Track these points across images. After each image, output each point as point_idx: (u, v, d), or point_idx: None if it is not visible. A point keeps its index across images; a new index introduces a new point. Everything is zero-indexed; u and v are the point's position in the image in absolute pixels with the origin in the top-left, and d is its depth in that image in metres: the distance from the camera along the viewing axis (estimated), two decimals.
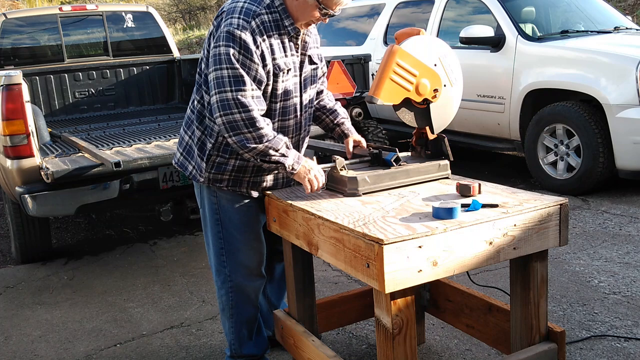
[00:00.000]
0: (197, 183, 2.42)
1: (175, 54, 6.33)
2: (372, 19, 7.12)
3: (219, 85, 2.11)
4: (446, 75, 2.33)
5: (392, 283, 1.73)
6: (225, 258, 2.41)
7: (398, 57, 2.21)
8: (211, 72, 2.14)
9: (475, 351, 2.73)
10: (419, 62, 2.26)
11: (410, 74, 2.25)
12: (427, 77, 2.28)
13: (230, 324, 2.50)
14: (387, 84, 2.22)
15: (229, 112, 2.09)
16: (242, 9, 2.15)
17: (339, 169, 2.27)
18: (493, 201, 2.01)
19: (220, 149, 2.27)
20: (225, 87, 2.09)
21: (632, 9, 10.19)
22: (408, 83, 2.26)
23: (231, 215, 2.37)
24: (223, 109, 2.10)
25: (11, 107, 3.54)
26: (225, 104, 2.09)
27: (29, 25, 5.79)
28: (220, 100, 2.10)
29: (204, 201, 2.42)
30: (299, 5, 2.17)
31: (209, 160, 2.29)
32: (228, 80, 2.09)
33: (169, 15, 20.71)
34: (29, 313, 3.52)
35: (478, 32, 5.41)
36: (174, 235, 4.77)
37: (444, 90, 2.34)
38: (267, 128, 2.14)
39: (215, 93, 2.12)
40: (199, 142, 2.31)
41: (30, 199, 3.48)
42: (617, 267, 3.53)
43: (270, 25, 2.17)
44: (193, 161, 2.35)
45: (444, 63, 2.31)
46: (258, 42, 2.13)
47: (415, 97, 2.30)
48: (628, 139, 4.59)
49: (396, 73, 2.22)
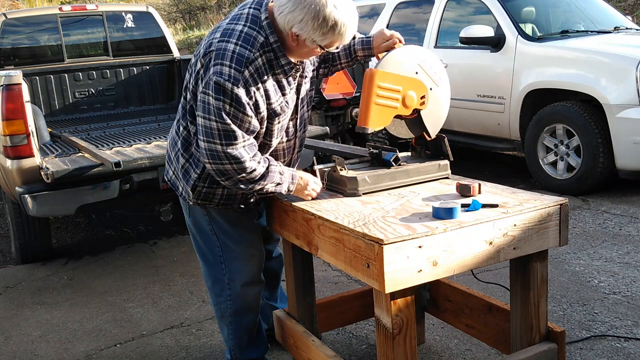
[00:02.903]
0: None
1: (175, 54, 6.33)
2: (372, 19, 7.12)
3: (208, 135, 1.97)
4: (430, 78, 2.28)
5: (392, 283, 1.73)
6: (224, 267, 2.36)
7: (378, 80, 2.16)
8: (199, 117, 1.99)
9: (475, 351, 2.73)
10: (399, 77, 2.21)
11: (395, 92, 2.20)
12: (411, 88, 2.24)
13: (229, 330, 2.46)
14: (373, 111, 2.18)
15: (219, 163, 1.99)
16: (233, 54, 1.94)
17: (339, 169, 2.27)
18: (493, 201, 2.01)
19: (206, 180, 2.17)
20: (215, 140, 1.96)
21: (632, 9, 10.19)
22: (394, 101, 2.21)
23: (224, 227, 2.32)
24: (212, 158, 1.99)
25: (11, 107, 3.54)
26: (214, 154, 1.98)
27: (29, 25, 5.79)
28: (209, 150, 1.98)
29: (195, 215, 2.34)
30: (299, 47, 2.01)
31: (194, 189, 2.19)
32: (217, 133, 1.95)
33: (169, 15, 20.70)
34: (29, 313, 3.52)
35: (478, 32, 5.41)
36: (174, 235, 4.76)
37: (431, 94, 2.29)
38: (259, 168, 2.04)
39: (204, 141, 1.98)
40: (183, 169, 2.21)
41: (30, 199, 3.48)
42: (617, 267, 3.53)
43: (264, 69, 2.00)
44: (181, 183, 2.25)
45: (424, 67, 2.26)
46: (251, 93, 1.97)
47: (404, 112, 2.26)
48: (628, 139, 4.59)
49: (380, 96, 2.18)
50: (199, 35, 17.79)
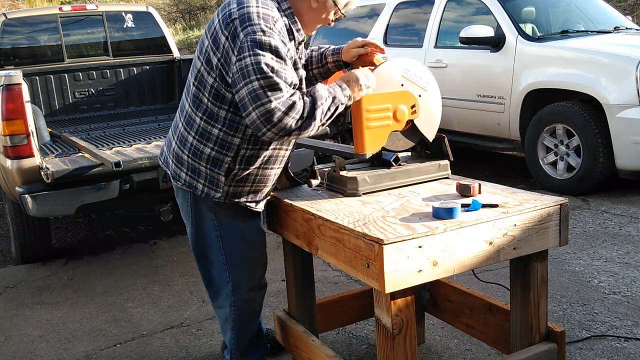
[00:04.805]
0: (186, 201, 2.27)
1: (175, 54, 6.33)
2: (372, 19, 7.12)
3: (255, 100, 1.91)
4: (416, 86, 2.27)
5: (392, 283, 1.73)
6: (228, 273, 2.32)
7: (365, 104, 2.14)
8: (241, 90, 1.94)
9: (475, 351, 2.73)
10: (386, 95, 2.19)
11: (385, 111, 2.19)
12: (400, 102, 2.22)
13: (232, 334, 2.43)
14: (367, 136, 2.17)
15: (277, 121, 1.92)
16: (258, 15, 1.96)
17: (339, 169, 2.27)
18: (493, 201, 2.01)
19: (242, 162, 2.13)
20: (262, 99, 1.90)
21: (632, 9, 10.19)
22: (386, 120, 2.20)
23: (232, 232, 2.27)
24: (268, 121, 1.91)
25: (11, 107, 3.54)
26: (268, 115, 1.91)
27: (29, 25, 5.79)
28: (262, 114, 1.91)
29: (200, 219, 2.27)
30: (317, 9, 2.06)
31: (228, 174, 2.14)
32: (263, 92, 1.90)
33: (169, 15, 20.71)
34: (29, 313, 3.52)
35: (478, 32, 5.41)
36: (174, 235, 4.77)
37: (421, 100, 2.28)
38: (307, 101, 1.97)
39: (254, 108, 1.91)
40: (210, 160, 2.14)
41: (30, 199, 3.48)
42: (617, 267, 3.53)
43: (286, 30, 2.04)
44: (202, 179, 2.17)
45: (409, 77, 2.25)
46: (287, 46, 1.99)
47: (398, 126, 2.25)
48: (628, 139, 4.59)
49: (371, 119, 2.16)
50: (199, 35, 17.79)
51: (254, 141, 2.12)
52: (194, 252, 2.38)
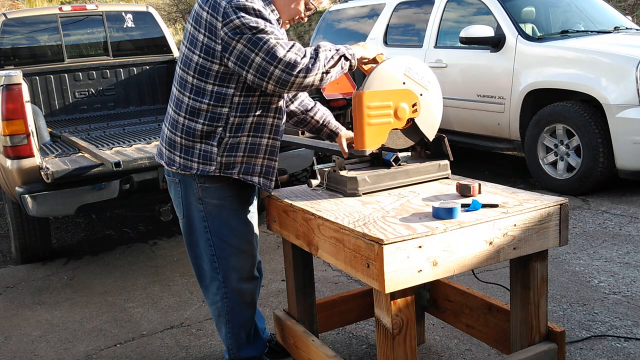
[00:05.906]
0: (178, 193, 2.31)
1: (175, 54, 6.32)
2: (372, 19, 7.12)
3: (274, 58, 1.99)
4: (418, 85, 2.27)
5: (392, 283, 1.73)
6: (217, 265, 2.35)
7: (366, 100, 2.15)
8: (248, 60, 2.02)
9: (475, 351, 2.73)
10: (387, 92, 2.20)
11: (385, 108, 2.20)
12: (401, 99, 2.23)
13: (227, 329, 2.45)
14: (368, 132, 2.17)
15: (289, 78, 2.01)
16: None
17: (339, 169, 2.28)
18: (493, 201, 2.01)
19: (232, 130, 2.19)
20: (270, 70, 2.00)
21: (632, 9, 10.19)
22: (387, 117, 2.21)
23: (220, 222, 2.30)
24: (282, 84, 2.02)
25: (11, 107, 3.54)
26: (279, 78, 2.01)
27: (29, 25, 5.79)
28: (278, 80, 2.02)
29: (189, 209, 2.32)
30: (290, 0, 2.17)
31: (220, 143, 2.20)
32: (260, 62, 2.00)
33: (169, 15, 20.71)
34: (29, 313, 3.52)
35: (478, 32, 5.41)
36: (174, 235, 4.77)
37: (422, 99, 2.28)
38: (309, 53, 2.04)
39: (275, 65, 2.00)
40: (203, 134, 2.19)
41: (30, 199, 3.48)
42: (617, 267, 3.53)
43: (265, 9, 2.11)
44: (196, 157, 2.22)
45: (411, 75, 2.25)
46: (270, 13, 2.10)
47: (398, 124, 2.25)
48: (628, 139, 4.59)
49: (371, 116, 2.17)
50: None
51: (241, 109, 2.19)
52: (186, 246, 2.42)
